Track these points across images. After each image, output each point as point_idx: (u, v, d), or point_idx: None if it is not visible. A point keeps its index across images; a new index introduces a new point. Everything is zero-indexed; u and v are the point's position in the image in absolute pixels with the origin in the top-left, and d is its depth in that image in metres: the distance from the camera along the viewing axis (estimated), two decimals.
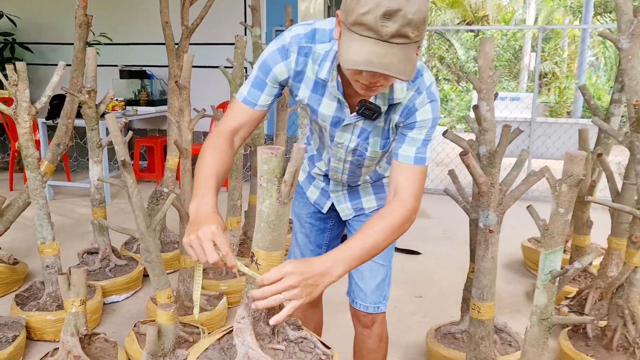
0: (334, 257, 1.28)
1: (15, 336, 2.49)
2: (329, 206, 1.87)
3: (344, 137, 1.55)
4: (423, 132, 1.43)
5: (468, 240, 4.39)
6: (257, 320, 1.36)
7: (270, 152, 1.24)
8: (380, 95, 1.40)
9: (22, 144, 2.64)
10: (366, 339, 1.87)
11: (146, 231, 2.35)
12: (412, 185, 1.42)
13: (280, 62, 1.42)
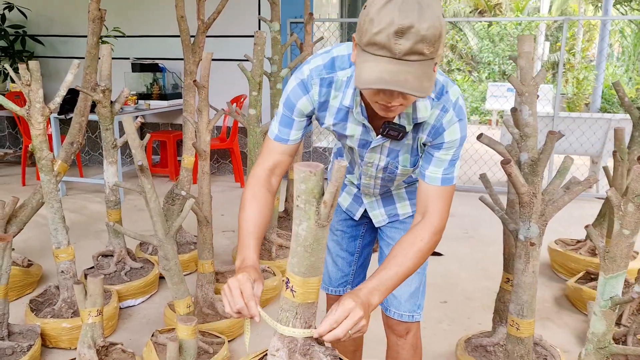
0: (369, 286, 1.29)
1: (30, 345, 2.42)
2: (361, 213, 1.83)
3: (374, 157, 1.56)
4: (450, 153, 1.42)
5: (490, 240, 4.30)
6: (293, 352, 1.25)
7: (309, 170, 1.12)
8: (405, 114, 1.39)
9: (36, 146, 2.55)
10: (400, 349, 1.82)
11: (165, 238, 2.25)
12: (440, 207, 1.42)
13: (302, 96, 1.44)
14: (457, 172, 1.46)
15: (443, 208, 1.43)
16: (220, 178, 6.36)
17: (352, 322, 1.17)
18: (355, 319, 1.17)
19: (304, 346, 1.26)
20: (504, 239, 2.35)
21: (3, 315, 2.41)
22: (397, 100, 1.22)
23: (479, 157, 6.57)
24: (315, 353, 1.28)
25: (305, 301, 1.21)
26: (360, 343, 2.08)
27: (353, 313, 1.18)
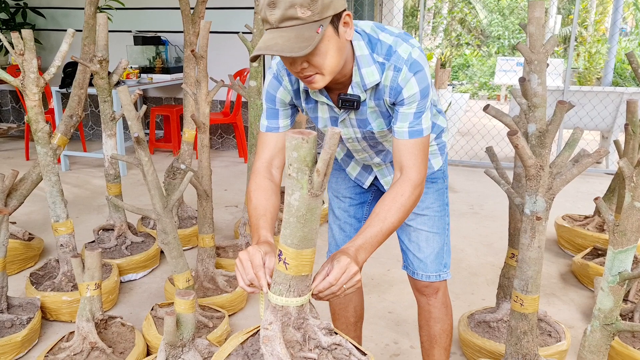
0: (355, 244, 1.31)
1: (29, 318, 2.41)
2: (370, 181, 1.84)
3: (348, 132, 1.61)
4: (413, 106, 1.44)
5: (496, 215, 4.24)
6: (286, 326, 1.21)
7: (301, 137, 1.06)
8: (355, 84, 1.44)
9: (32, 118, 2.50)
10: (432, 308, 1.85)
11: (163, 212, 2.21)
12: (415, 160, 1.45)
13: (279, 87, 1.52)
14: (426, 123, 1.46)
15: (418, 161, 1.45)
16: (224, 153, 6.31)
17: (347, 277, 1.20)
18: (351, 274, 1.21)
19: (298, 320, 1.22)
20: (510, 214, 2.29)
21: (2, 288, 2.39)
22: (300, 66, 1.30)
23: (486, 132, 6.47)
24: (309, 327, 1.24)
25: (298, 274, 1.17)
26: (361, 314, 2.06)
27: (349, 269, 1.21)
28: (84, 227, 3.79)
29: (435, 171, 1.79)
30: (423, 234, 1.78)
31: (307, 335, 1.24)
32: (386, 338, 2.51)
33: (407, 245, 1.82)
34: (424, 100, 1.43)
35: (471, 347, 2.29)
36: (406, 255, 1.84)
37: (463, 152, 6.18)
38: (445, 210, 1.83)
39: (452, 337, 1.91)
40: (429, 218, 1.78)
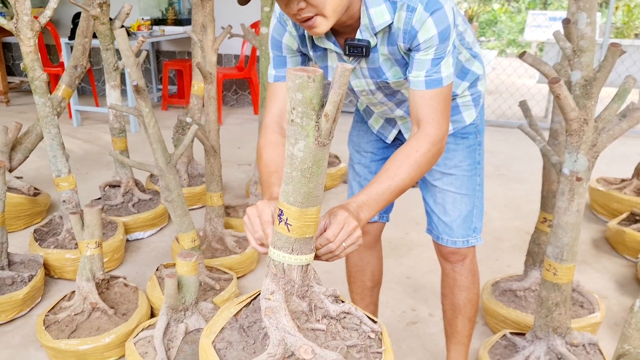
0: (358, 200, 1.18)
1: (31, 276, 2.31)
2: (394, 135, 1.67)
3: (360, 84, 1.45)
4: (431, 52, 1.25)
5: (523, 177, 4.02)
6: (290, 295, 1.06)
7: (306, 75, 0.88)
8: (364, 27, 1.27)
9: (27, 65, 2.33)
10: (458, 276, 1.69)
11: (166, 167, 2.06)
12: (433, 114, 1.27)
13: (284, 32, 1.36)
14: (446, 71, 1.27)
15: (437, 115, 1.28)
16: (239, 110, 6.13)
17: (346, 233, 1.08)
18: (349, 229, 1.08)
19: (302, 287, 1.07)
20: (544, 175, 2.09)
21: (2, 244, 2.29)
22: (296, 6, 1.13)
23: (515, 90, 6.16)
24: (315, 295, 1.09)
25: (302, 236, 1.00)
26: (379, 279, 1.91)
27: (347, 224, 1.08)
28: (94, 183, 3.68)
29: (467, 125, 1.58)
30: (450, 195, 1.59)
31: (313, 304, 1.09)
32: (403, 305, 2.36)
33: (432, 207, 1.64)
34: (443, 44, 1.24)
35: (495, 316, 2.13)
36: (430, 217, 1.66)
37: (490, 111, 5.89)
38: (477, 169, 1.62)
39: (477, 307, 1.75)
40: (457, 178, 1.58)
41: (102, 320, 2.03)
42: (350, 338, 1.08)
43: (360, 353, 1.05)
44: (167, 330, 1.84)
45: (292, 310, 1.05)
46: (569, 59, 1.61)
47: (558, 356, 1.71)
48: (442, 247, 1.65)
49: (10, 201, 2.84)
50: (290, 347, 0.97)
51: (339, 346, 1.02)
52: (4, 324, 2.18)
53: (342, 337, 1.08)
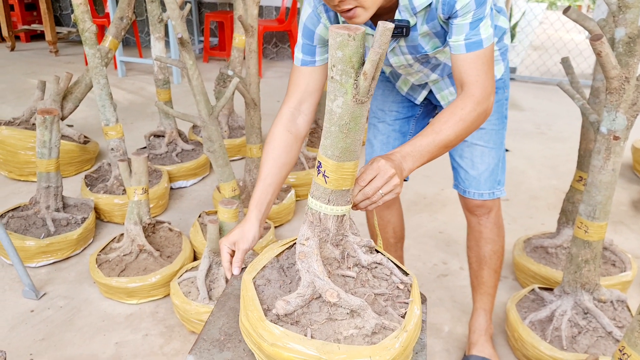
0: (402, 151, 1.19)
1: (84, 218, 2.47)
2: (424, 96, 1.69)
3: (399, 60, 1.48)
4: (468, 16, 1.26)
5: (564, 137, 3.95)
6: (324, 242, 1.13)
7: (347, 33, 0.91)
8: (403, 7, 1.29)
9: (78, 17, 2.42)
10: (483, 228, 1.74)
11: (208, 119, 2.14)
12: (477, 76, 1.27)
13: (318, 23, 1.36)
14: (486, 32, 1.27)
15: (481, 76, 1.27)
16: (279, 63, 6.14)
17: (383, 180, 1.10)
18: (386, 177, 1.10)
19: (337, 236, 1.13)
20: (582, 133, 2.07)
21: (57, 187, 2.45)
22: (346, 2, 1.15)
23: (562, 46, 5.94)
24: (348, 244, 1.15)
25: (338, 188, 1.06)
26: (401, 235, 1.97)
27: (383, 171, 1.10)
28: (138, 133, 3.82)
29: (497, 80, 1.59)
30: (478, 149, 1.63)
31: (345, 252, 1.16)
32: (435, 258, 2.43)
33: (459, 162, 1.68)
34: (480, 7, 1.25)
35: (525, 272, 2.17)
36: (457, 172, 1.70)
37: (534, 68, 5.72)
38: (504, 123, 1.66)
39: (502, 259, 1.80)
40: (486, 132, 1.61)
41: (148, 262, 2.18)
42: (379, 287, 1.14)
43: (387, 302, 1.11)
44: (209, 272, 1.97)
45: (325, 256, 1.12)
46: (613, 15, 1.58)
47: (585, 311, 1.75)
48: (469, 201, 1.69)
49: (63, 148, 2.99)
50: (318, 289, 1.05)
51: (366, 293, 1.09)
52: (61, 261, 2.35)
53: (371, 285, 1.14)
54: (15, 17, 6.74)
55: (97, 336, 1.90)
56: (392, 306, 1.11)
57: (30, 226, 2.36)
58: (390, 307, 1.09)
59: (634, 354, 1.24)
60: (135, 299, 2.08)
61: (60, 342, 1.87)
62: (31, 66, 5.74)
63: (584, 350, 1.67)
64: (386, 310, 1.08)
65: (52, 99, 2.95)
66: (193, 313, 1.85)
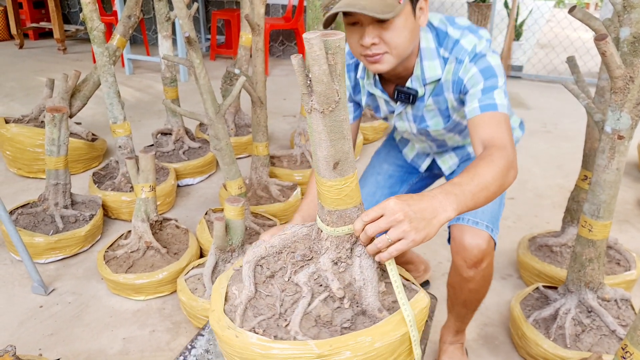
0: (443, 189, 1.04)
1: (92, 215, 2.50)
2: (427, 164, 1.77)
3: (404, 126, 1.58)
4: (478, 86, 1.34)
5: (570, 135, 3.94)
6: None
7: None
8: (415, 77, 1.41)
9: (86, 15, 2.45)
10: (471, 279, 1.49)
11: (215, 117, 2.16)
12: (496, 132, 1.26)
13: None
14: (500, 100, 1.30)
15: (498, 132, 1.25)
16: (285, 62, 6.15)
17: (386, 222, 0.95)
18: (391, 219, 0.95)
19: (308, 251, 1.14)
20: (587, 132, 2.08)
21: (65, 185, 2.47)
22: (371, 40, 1.26)
23: (569, 44, 5.92)
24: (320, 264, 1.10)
25: (320, 201, 1.07)
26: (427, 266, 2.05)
27: (389, 212, 0.95)
28: (145, 130, 3.85)
29: None
30: None
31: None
32: (440, 256, 2.44)
33: None
34: (490, 79, 1.33)
35: (529, 270, 2.18)
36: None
37: (541, 66, 5.71)
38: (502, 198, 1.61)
39: (483, 299, 1.61)
40: None
41: (155, 258, 2.20)
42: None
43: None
44: (215, 269, 1.99)
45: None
46: (618, 15, 1.58)
47: (588, 309, 1.76)
48: (463, 239, 1.44)
49: (71, 145, 3.02)
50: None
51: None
52: (69, 258, 2.38)
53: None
54: (24, 14, 6.79)
55: (105, 332, 1.93)
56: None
57: (39, 223, 2.39)
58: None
59: (637, 352, 1.25)
60: (143, 295, 2.11)
61: (68, 337, 1.89)
62: (39, 64, 5.78)
63: (587, 348, 1.67)
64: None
65: (60, 97, 2.97)
66: (199, 309, 1.87)
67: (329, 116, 0.94)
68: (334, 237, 1.06)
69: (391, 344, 1.00)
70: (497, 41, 6.05)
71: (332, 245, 1.07)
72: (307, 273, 1.08)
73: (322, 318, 1.03)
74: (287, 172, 2.93)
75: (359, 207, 1.05)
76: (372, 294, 1.04)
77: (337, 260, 1.07)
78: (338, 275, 1.06)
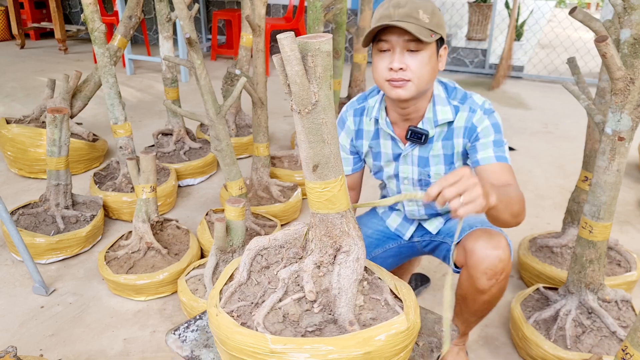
0: (487, 183, 1.20)
1: (93, 215, 2.50)
2: (412, 231, 1.76)
3: (407, 170, 1.61)
4: (490, 137, 1.47)
5: (571, 136, 3.94)
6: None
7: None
8: (427, 119, 1.51)
9: (87, 16, 2.45)
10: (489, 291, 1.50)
11: (216, 118, 2.16)
12: (512, 181, 1.42)
13: (340, 132, 1.65)
14: (508, 155, 1.47)
15: (514, 181, 1.42)
16: None
17: (465, 186, 1.06)
18: (469, 183, 1.06)
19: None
20: (588, 133, 2.08)
21: (66, 185, 2.48)
22: (401, 63, 1.36)
23: (570, 44, 5.92)
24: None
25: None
26: None
27: (466, 177, 1.07)
28: (146, 130, 3.85)
29: None
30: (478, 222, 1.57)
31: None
32: None
33: (462, 234, 1.54)
34: (499, 134, 1.47)
35: (530, 271, 2.18)
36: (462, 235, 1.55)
37: (542, 66, 5.71)
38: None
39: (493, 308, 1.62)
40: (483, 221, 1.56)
41: (156, 259, 2.20)
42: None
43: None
44: (216, 269, 1.99)
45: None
46: (619, 17, 1.58)
47: (589, 310, 1.76)
48: (482, 246, 1.45)
49: (72, 146, 3.02)
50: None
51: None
52: (70, 258, 2.39)
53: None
54: (25, 15, 6.79)
55: (106, 332, 1.93)
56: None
57: (40, 223, 2.39)
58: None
59: (637, 353, 1.25)
60: (143, 296, 2.11)
61: (69, 338, 1.90)
62: (40, 64, 5.79)
63: (588, 349, 1.67)
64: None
65: (61, 97, 2.98)
66: (200, 310, 1.88)
67: (307, 117, 0.94)
68: (318, 240, 1.07)
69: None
70: (498, 41, 6.05)
71: (317, 248, 1.08)
72: (289, 270, 1.09)
73: (289, 316, 1.03)
74: (288, 172, 2.93)
75: (343, 215, 1.04)
76: (346, 304, 1.02)
77: (320, 263, 1.07)
78: (317, 279, 1.06)
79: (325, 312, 1.04)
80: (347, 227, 1.06)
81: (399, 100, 1.46)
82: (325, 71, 0.90)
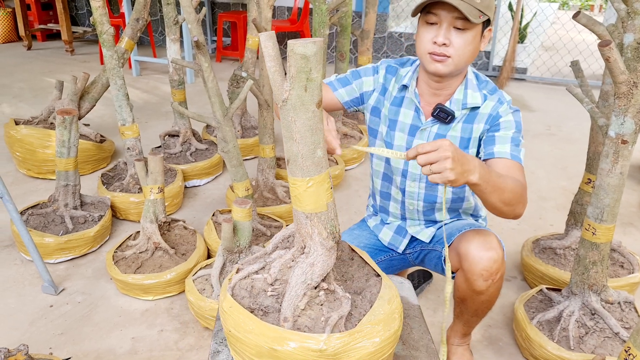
0: (480, 162, 1.25)
1: (101, 216, 2.53)
2: (405, 244, 1.76)
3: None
4: (510, 132, 1.50)
5: (574, 138, 3.95)
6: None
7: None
8: (455, 100, 1.53)
9: (96, 19, 2.48)
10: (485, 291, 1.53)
11: (223, 120, 2.19)
12: (521, 178, 1.44)
13: (370, 75, 1.67)
14: (522, 156, 1.49)
15: (522, 179, 1.43)
16: None
17: (436, 156, 1.13)
18: (441, 155, 1.13)
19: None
20: (591, 136, 2.09)
21: (75, 186, 2.51)
22: (446, 38, 1.38)
23: (573, 47, 5.93)
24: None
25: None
26: None
27: (442, 149, 1.13)
28: (152, 131, 3.89)
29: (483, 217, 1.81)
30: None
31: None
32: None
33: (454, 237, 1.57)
34: (519, 133, 1.50)
35: (533, 272, 2.20)
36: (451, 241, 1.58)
37: (545, 68, 5.72)
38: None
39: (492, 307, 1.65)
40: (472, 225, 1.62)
41: (164, 259, 2.23)
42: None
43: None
44: (223, 269, 2.01)
45: None
46: (622, 21, 1.60)
47: (592, 312, 1.78)
48: (475, 248, 1.47)
49: (80, 147, 3.05)
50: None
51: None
52: (78, 258, 2.42)
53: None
54: (32, 16, 6.84)
55: (114, 331, 1.96)
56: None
57: (49, 223, 2.43)
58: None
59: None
60: (151, 296, 2.14)
61: (78, 337, 1.93)
62: (48, 65, 5.83)
63: (591, 350, 1.69)
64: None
65: (69, 99, 3.01)
66: (207, 309, 1.90)
67: (281, 111, 0.97)
68: (298, 235, 1.10)
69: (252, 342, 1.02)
70: (502, 44, 6.06)
71: (296, 243, 1.12)
72: (279, 254, 1.16)
73: (253, 289, 1.12)
74: None
75: (308, 217, 1.04)
76: (288, 300, 1.05)
77: (294, 256, 1.12)
78: (285, 269, 1.11)
79: (278, 299, 1.09)
80: (312, 230, 1.06)
81: (435, 75, 1.47)
82: (298, 73, 0.91)
